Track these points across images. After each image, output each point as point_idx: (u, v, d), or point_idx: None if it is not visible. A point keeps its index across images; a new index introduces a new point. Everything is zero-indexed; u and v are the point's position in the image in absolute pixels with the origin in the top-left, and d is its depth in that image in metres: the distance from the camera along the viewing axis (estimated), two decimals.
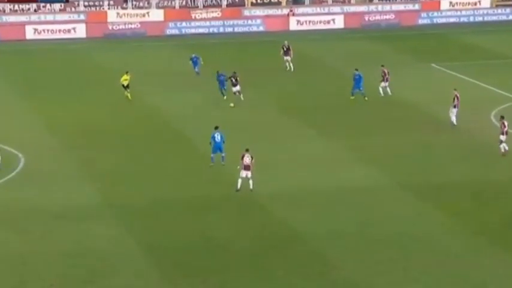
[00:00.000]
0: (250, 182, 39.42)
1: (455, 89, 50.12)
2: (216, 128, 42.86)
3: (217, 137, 42.43)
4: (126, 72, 56.20)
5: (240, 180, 39.41)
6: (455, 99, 49.32)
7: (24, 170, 43.14)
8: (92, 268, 32.18)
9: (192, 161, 44.30)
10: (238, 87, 53.95)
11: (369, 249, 33.41)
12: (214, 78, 56.30)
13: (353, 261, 32.47)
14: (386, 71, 56.41)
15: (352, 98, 55.45)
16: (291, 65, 64.60)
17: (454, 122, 49.31)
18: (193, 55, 63.62)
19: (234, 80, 53.90)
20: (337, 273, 31.46)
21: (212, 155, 42.59)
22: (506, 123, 43.97)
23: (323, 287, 30.81)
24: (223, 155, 42.57)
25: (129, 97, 55.68)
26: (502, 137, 44.20)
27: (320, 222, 36.39)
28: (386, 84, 56.05)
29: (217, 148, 42.54)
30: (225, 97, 54.26)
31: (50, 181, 41.46)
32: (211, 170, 42.46)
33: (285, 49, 65.07)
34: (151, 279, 31.41)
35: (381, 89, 56.09)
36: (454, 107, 49.33)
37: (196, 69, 62.48)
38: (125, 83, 55.66)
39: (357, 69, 56.00)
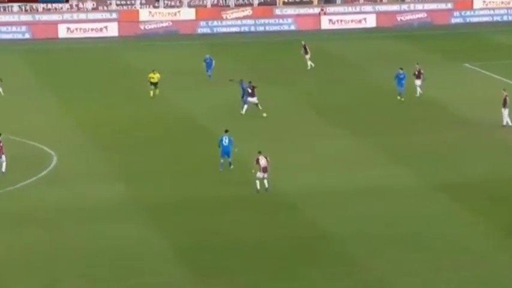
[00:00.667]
0: (265, 181, 39.46)
1: (504, 89, 49.72)
2: (226, 131, 42.03)
3: (225, 141, 41.47)
4: (153, 71, 56.11)
5: (257, 182, 39.43)
6: (506, 99, 48.63)
7: (56, 168, 43.36)
8: (122, 266, 32.30)
9: (218, 160, 43.66)
10: (255, 99, 51.06)
11: (398, 249, 33.29)
12: (244, 74, 56.03)
13: (382, 261, 32.33)
14: (419, 69, 55.79)
15: (402, 99, 54.81)
16: (309, 62, 64.95)
17: (509, 122, 48.68)
18: (207, 56, 62.34)
19: (249, 91, 51.23)
20: (367, 273, 31.35)
21: (221, 161, 41.72)
22: None
23: (351, 287, 30.73)
24: (229, 160, 41.78)
25: (151, 94, 55.77)
26: None
27: (348, 222, 36.22)
28: (420, 82, 55.47)
29: (225, 152, 41.52)
30: (243, 111, 51.20)
31: (80, 180, 41.60)
32: (240, 170, 42.15)
33: (304, 49, 65.29)
34: (181, 278, 31.50)
35: (418, 88, 55.46)
36: (504, 107, 48.66)
37: (209, 72, 61.12)
38: (152, 81, 55.78)
39: (401, 68, 55.29)
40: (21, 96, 58.24)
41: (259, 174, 39.12)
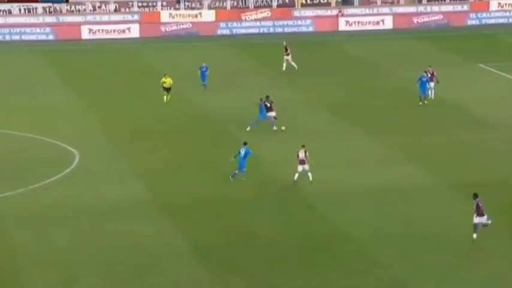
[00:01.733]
0: (309, 174, 40.52)
1: None
2: (245, 143, 41.32)
3: (242, 153, 40.76)
4: (164, 75, 55.32)
5: (297, 174, 40.56)
6: None
7: (78, 167, 43.58)
8: (140, 264, 32.63)
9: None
10: (273, 113, 49.21)
11: (416, 248, 33.49)
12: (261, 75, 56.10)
13: (400, 259, 32.50)
14: (432, 71, 55.53)
15: (426, 102, 54.55)
16: (285, 65, 64.18)
17: None
18: (203, 64, 59.66)
19: (268, 105, 49.30)
20: (384, 272, 31.57)
21: (236, 171, 40.95)
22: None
23: (369, 285, 30.91)
24: (240, 170, 40.75)
25: (165, 100, 54.96)
26: None
27: (366, 221, 36.45)
28: (432, 85, 55.01)
29: (240, 164, 40.72)
30: (248, 128, 48.77)
31: (101, 179, 41.91)
32: (258, 169, 42.46)
33: (286, 50, 64.46)
34: (199, 275, 31.81)
35: (429, 91, 55.26)
36: None
37: (205, 82, 58.60)
38: (166, 86, 54.75)
39: (425, 71, 54.94)
40: (44, 95, 58.68)
41: (299, 168, 40.53)
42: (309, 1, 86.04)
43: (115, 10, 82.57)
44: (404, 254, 33.00)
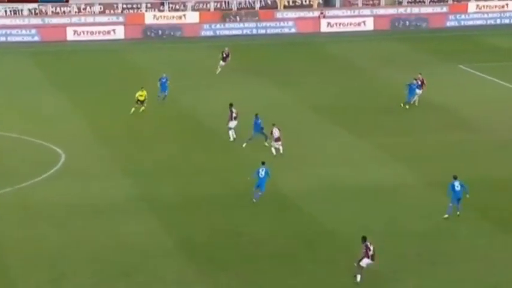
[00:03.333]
0: (280, 148, 44.28)
1: None
2: (263, 163, 39.18)
3: (261, 173, 38.65)
4: (141, 88, 53.09)
5: (273, 149, 44.30)
6: None
7: (64, 166, 43.43)
8: (129, 262, 32.59)
9: (225, 159, 44.65)
10: (235, 123, 47.73)
11: (398, 245, 33.63)
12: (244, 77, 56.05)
13: (383, 256, 32.09)
14: (422, 79, 54.74)
15: (407, 107, 54.16)
16: (219, 69, 63.43)
17: None
18: (163, 75, 56.54)
19: (234, 115, 47.50)
20: (369, 270, 31.19)
21: (253, 190, 38.84)
22: None
23: (351, 282, 30.81)
24: (262, 192, 38.78)
25: (132, 111, 52.67)
26: None
27: (351, 219, 36.58)
28: (420, 92, 54.30)
29: (259, 184, 38.63)
30: (244, 145, 46.64)
31: (89, 177, 41.86)
32: (245, 168, 42.05)
33: (224, 55, 63.72)
34: (186, 273, 31.76)
35: (417, 96, 54.40)
36: None
37: (166, 93, 55.34)
38: (141, 99, 52.65)
39: (415, 79, 54.47)
40: (30, 96, 58.39)
41: (274, 144, 44.28)
42: (291, 3, 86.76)
43: (100, 12, 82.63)
44: (387, 251, 32.91)
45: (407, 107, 54.23)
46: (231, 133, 47.46)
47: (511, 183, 40.72)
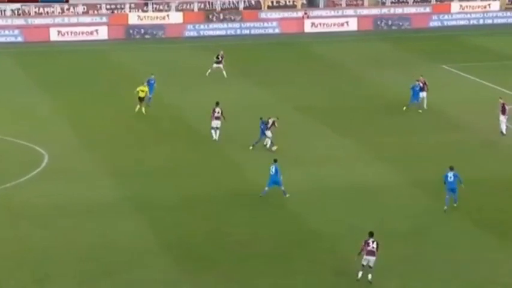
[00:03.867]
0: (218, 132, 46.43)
1: (500, 98, 49.64)
2: (275, 160, 39.37)
3: (272, 170, 38.82)
4: (143, 83, 52.97)
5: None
6: (502, 107, 48.25)
7: (48, 167, 43.34)
8: (113, 262, 32.59)
9: (210, 160, 44.64)
10: (219, 123, 47.65)
11: (384, 245, 32.81)
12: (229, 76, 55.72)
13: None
14: (424, 81, 53.83)
15: (405, 108, 53.43)
16: (224, 72, 62.39)
17: (504, 131, 48.30)
18: (151, 76, 55.69)
19: (218, 114, 47.60)
20: (353, 268, 31.51)
21: (266, 188, 38.94)
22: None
23: (340, 282, 31.14)
24: (282, 189, 39.01)
25: (144, 111, 52.60)
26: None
27: (338, 219, 36.74)
28: (424, 94, 53.46)
29: (273, 182, 38.76)
30: (250, 147, 46.19)
31: (73, 178, 41.75)
32: (230, 169, 42.52)
33: (219, 58, 62.81)
34: (172, 273, 31.80)
35: (423, 100, 53.42)
36: (503, 114, 48.27)
37: (150, 95, 54.12)
38: (142, 95, 52.33)
39: (417, 80, 53.81)
40: (13, 97, 58.16)
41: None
42: (275, 3, 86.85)
43: (83, 12, 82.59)
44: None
45: (405, 108, 53.65)
46: (213, 132, 47.58)
47: (495, 184, 40.90)
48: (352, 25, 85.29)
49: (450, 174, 37.41)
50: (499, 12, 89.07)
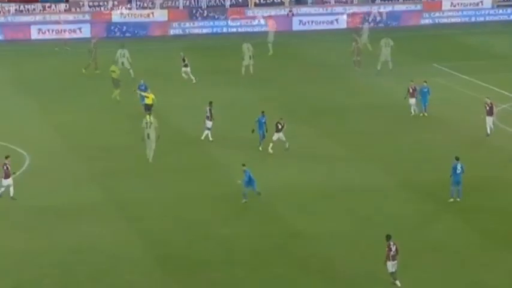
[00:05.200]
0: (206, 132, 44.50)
1: (487, 98, 49.25)
2: (243, 165, 39.55)
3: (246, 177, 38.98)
4: (115, 63, 53.95)
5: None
6: (487, 107, 47.88)
7: (29, 169, 43.55)
8: (96, 266, 32.69)
9: (194, 160, 44.77)
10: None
11: (370, 247, 33.88)
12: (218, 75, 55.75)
13: (354, 258, 33.04)
14: (414, 86, 52.89)
15: (426, 114, 52.55)
16: (191, 76, 61.49)
17: (488, 131, 48.18)
18: (141, 82, 54.47)
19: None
20: (337, 270, 32.05)
21: (244, 192, 39.24)
22: None
23: (324, 284, 31.31)
24: (255, 190, 39.31)
25: (118, 98, 53.31)
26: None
27: (322, 220, 36.92)
28: (414, 100, 52.62)
29: (249, 184, 39.03)
30: (260, 147, 46.48)
31: (55, 180, 41.77)
32: (213, 169, 42.82)
33: (185, 61, 61.35)
34: (155, 276, 31.98)
35: (412, 107, 52.57)
36: (489, 115, 47.92)
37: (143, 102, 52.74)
38: (114, 76, 53.04)
39: (425, 82, 52.97)
40: None
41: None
42: (262, 0, 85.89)
43: (65, 10, 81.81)
44: (358, 253, 33.36)
45: (425, 114, 52.68)
46: (206, 132, 47.70)
47: (483, 183, 40.91)
48: (341, 23, 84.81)
49: (458, 166, 37.91)
50: (491, 10, 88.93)
